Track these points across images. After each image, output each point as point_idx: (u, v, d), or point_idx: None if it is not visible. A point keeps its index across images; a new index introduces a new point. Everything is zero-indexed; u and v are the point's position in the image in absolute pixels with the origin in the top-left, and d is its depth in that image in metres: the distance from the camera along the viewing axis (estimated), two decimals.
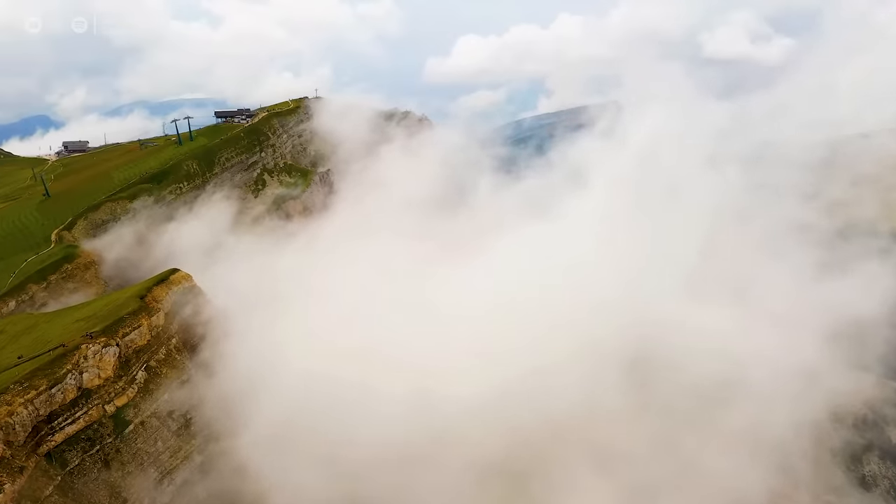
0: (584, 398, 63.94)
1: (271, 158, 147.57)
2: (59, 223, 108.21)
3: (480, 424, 61.51)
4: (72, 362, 50.40)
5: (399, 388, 63.56)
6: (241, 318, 70.25)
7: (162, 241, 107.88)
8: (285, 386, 62.49)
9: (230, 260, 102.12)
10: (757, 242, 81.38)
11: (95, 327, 55.30)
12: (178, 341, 60.71)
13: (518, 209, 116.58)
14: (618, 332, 69.29)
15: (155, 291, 62.70)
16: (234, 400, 58.65)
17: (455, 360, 68.46)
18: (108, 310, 59.08)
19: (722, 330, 69.51)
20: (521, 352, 68.56)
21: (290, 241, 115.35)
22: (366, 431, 59.95)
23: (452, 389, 63.81)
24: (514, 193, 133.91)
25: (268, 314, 75.59)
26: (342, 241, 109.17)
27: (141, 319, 56.77)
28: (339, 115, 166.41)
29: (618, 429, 62.83)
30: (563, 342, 68.97)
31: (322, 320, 75.77)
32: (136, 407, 52.70)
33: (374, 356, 68.34)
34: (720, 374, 65.90)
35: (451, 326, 74.37)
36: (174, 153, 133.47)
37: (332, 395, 62.38)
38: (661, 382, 66.84)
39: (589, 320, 71.10)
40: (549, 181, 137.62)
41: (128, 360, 54.20)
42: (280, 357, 66.55)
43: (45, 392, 47.99)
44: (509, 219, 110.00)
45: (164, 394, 55.27)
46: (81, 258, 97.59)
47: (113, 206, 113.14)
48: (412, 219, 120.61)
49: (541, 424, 61.73)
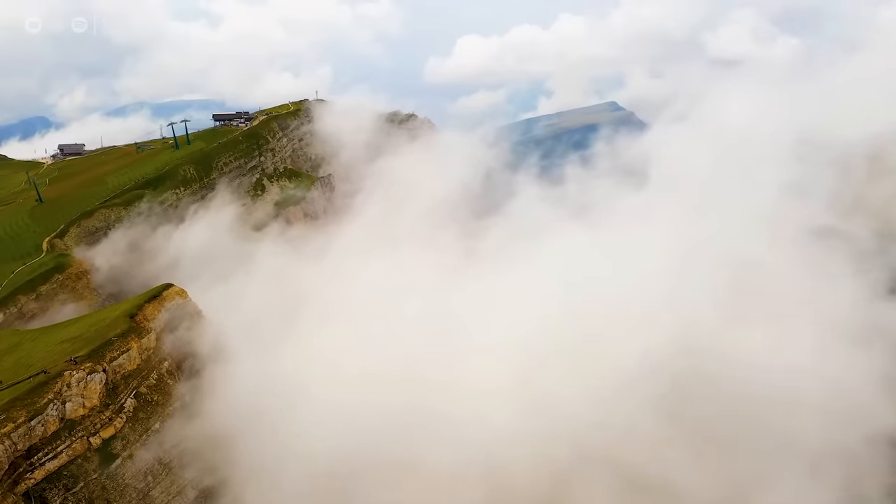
0: (618, 420, 58.96)
1: (271, 163, 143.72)
2: (51, 230, 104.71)
3: (508, 447, 56.92)
4: (53, 391, 46.33)
5: (459, 411, 58.94)
6: (243, 336, 65.77)
7: (157, 249, 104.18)
8: (306, 414, 57.84)
9: (229, 271, 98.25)
10: (805, 250, 75.13)
11: (81, 350, 51.25)
12: (170, 364, 56.55)
13: (540, 216, 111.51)
14: (658, 348, 63.83)
15: (146, 309, 58.59)
16: (234, 430, 54.10)
17: (484, 380, 63.82)
18: (95, 330, 55.03)
19: (768, 345, 63.57)
20: (550, 371, 63.87)
21: (292, 250, 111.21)
22: (432, 456, 55.78)
23: (481, 410, 59.53)
24: (531, 199, 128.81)
25: (274, 333, 71.04)
26: (353, 251, 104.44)
27: (130, 342, 52.66)
28: (340, 118, 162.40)
29: (654, 454, 57.60)
30: (595, 359, 64.04)
31: (339, 339, 70.92)
32: (125, 439, 48.59)
33: (416, 378, 63.47)
34: (769, 393, 59.92)
35: (480, 345, 69.62)
36: (170, 157, 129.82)
37: (382, 423, 57.63)
38: (703, 403, 61.15)
39: (623, 336, 65.92)
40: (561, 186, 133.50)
41: (115, 387, 50.09)
42: (294, 382, 61.70)
43: (23, 425, 43.89)
44: (533, 227, 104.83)
45: (155, 423, 51.13)
46: (73, 268, 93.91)
47: (107, 213, 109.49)
48: (430, 227, 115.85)
49: (571, 448, 56.94)
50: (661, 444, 58.42)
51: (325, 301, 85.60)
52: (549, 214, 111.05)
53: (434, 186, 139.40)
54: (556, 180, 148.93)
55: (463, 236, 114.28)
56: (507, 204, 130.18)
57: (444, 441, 57.14)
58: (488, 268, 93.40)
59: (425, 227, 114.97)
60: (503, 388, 63.57)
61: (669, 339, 64.64)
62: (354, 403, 59.19)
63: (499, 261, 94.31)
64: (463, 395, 61.69)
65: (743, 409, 59.78)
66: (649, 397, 60.65)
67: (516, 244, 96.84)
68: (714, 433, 59.80)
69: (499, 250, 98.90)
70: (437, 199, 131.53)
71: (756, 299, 69.73)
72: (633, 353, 63.65)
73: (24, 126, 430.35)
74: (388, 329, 73.66)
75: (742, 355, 62.65)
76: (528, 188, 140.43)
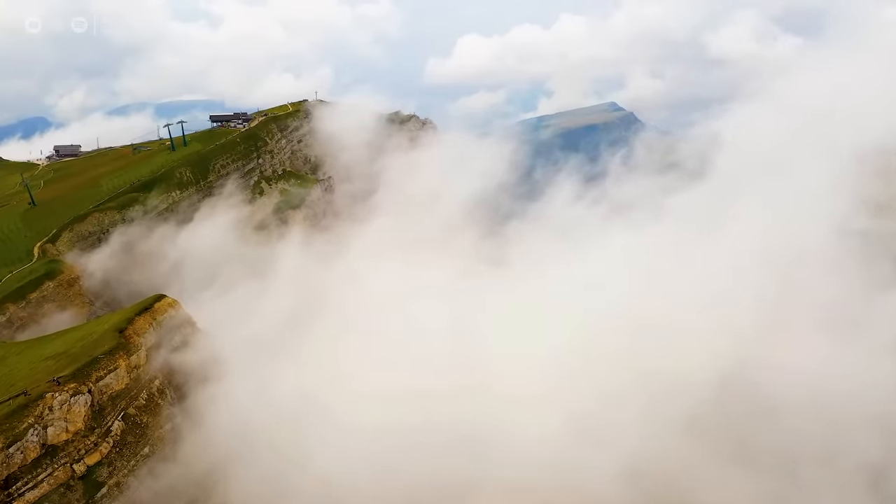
0: (655, 445, 54.80)
1: (269, 165, 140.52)
2: (43, 234, 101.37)
3: (540, 467, 53.02)
4: (34, 414, 43.09)
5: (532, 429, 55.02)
6: (244, 349, 62.06)
7: (152, 255, 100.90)
8: (318, 434, 53.55)
9: (227, 277, 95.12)
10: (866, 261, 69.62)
11: (65, 369, 47.96)
12: (161, 383, 53.23)
13: (570, 218, 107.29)
14: (703, 365, 59.32)
15: (137, 323, 55.29)
16: (232, 454, 50.27)
17: (518, 390, 59.89)
18: (81, 346, 51.72)
19: (833, 366, 58.57)
20: (580, 390, 59.86)
21: (293, 253, 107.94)
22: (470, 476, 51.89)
23: (519, 423, 55.79)
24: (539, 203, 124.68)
25: (280, 345, 67.01)
26: (365, 256, 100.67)
27: (118, 360, 49.38)
28: (340, 119, 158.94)
29: (704, 484, 53.38)
30: (630, 378, 59.94)
31: (358, 352, 66.74)
32: (111, 465, 45.33)
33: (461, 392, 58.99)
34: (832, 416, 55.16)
35: (510, 355, 65.74)
36: (166, 160, 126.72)
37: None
38: (757, 428, 56.59)
39: (665, 352, 61.57)
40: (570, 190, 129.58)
41: (101, 409, 46.83)
42: (305, 400, 57.13)
43: (1, 452, 40.78)
44: (563, 229, 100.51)
45: (145, 447, 47.85)
46: (64, 274, 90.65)
47: (100, 217, 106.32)
48: (443, 230, 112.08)
49: (611, 475, 52.81)
50: (712, 474, 54.17)
51: (338, 310, 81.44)
52: (582, 216, 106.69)
53: (438, 188, 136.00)
54: (578, 180, 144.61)
55: (481, 239, 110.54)
56: (531, 205, 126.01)
57: (484, 460, 53.27)
58: (515, 274, 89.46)
59: (438, 230, 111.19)
60: (537, 397, 59.59)
61: (710, 349, 60.50)
62: (375, 422, 54.93)
63: (526, 266, 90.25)
64: (499, 407, 57.61)
65: (791, 423, 55.35)
66: (688, 408, 56.66)
67: (546, 247, 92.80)
68: (754, 447, 55.48)
69: (525, 254, 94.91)
70: (444, 201, 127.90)
71: (805, 305, 64.83)
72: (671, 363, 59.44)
73: (22, 126, 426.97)
74: (411, 340, 69.38)
75: (790, 364, 58.05)
76: (552, 189, 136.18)
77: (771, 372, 58.04)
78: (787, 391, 56.38)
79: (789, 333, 61.89)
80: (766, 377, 57.90)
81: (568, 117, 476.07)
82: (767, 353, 59.91)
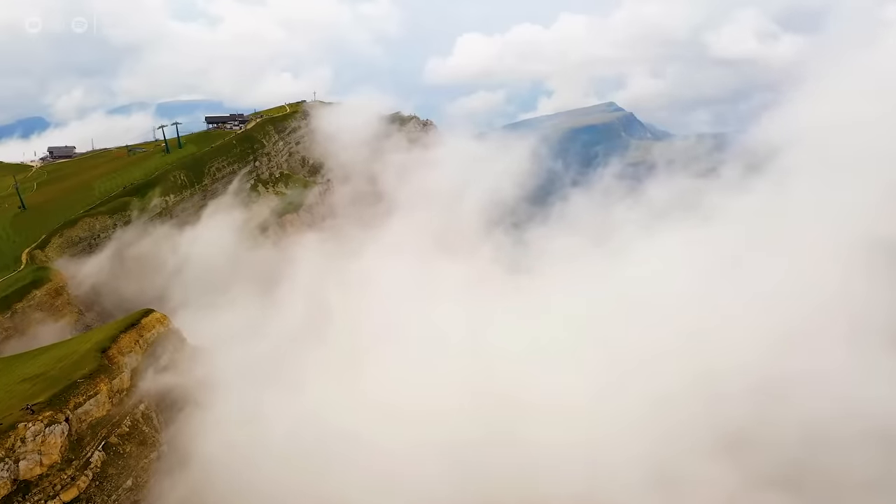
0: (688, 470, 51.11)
1: (266, 168, 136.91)
2: (32, 240, 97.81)
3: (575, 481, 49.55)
4: (5, 447, 39.43)
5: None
6: (240, 368, 58.10)
7: (144, 262, 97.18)
8: (330, 462, 49.28)
9: (222, 285, 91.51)
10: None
11: (42, 394, 44.30)
12: (147, 407, 49.53)
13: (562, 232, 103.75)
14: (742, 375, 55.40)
15: (122, 341, 51.60)
16: (225, 485, 46.35)
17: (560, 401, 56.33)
18: (60, 368, 48.06)
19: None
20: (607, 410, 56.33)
21: (294, 257, 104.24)
22: None
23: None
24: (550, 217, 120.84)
25: (281, 361, 63.01)
26: (370, 262, 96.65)
27: (99, 384, 45.75)
28: (339, 120, 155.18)
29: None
30: (678, 386, 56.19)
31: (368, 367, 62.71)
32: (90, 500, 41.57)
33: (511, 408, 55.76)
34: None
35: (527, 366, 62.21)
36: (161, 162, 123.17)
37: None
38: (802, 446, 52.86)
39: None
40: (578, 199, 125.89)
41: (80, 439, 43.20)
42: (318, 424, 52.95)
43: None
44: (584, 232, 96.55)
45: (127, 479, 44.16)
46: (52, 282, 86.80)
47: (91, 222, 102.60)
48: (453, 233, 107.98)
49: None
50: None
51: (349, 320, 77.26)
52: (608, 220, 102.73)
53: (441, 190, 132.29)
54: (585, 181, 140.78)
55: (493, 242, 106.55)
56: (542, 209, 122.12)
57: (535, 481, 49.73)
58: (527, 279, 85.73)
59: (447, 233, 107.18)
60: (578, 407, 56.04)
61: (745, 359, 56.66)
62: (404, 446, 51.10)
63: (552, 272, 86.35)
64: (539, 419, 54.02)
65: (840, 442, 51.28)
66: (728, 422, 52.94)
67: (566, 251, 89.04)
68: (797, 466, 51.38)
69: (550, 259, 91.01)
70: (449, 203, 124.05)
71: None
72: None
73: (21, 126, 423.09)
74: (433, 355, 65.50)
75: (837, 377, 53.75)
76: (562, 190, 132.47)
77: (817, 386, 53.47)
78: (836, 406, 51.65)
79: (843, 343, 57.31)
80: (811, 390, 53.43)
81: (567, 117, 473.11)
82: (814, 362, 55.35)
